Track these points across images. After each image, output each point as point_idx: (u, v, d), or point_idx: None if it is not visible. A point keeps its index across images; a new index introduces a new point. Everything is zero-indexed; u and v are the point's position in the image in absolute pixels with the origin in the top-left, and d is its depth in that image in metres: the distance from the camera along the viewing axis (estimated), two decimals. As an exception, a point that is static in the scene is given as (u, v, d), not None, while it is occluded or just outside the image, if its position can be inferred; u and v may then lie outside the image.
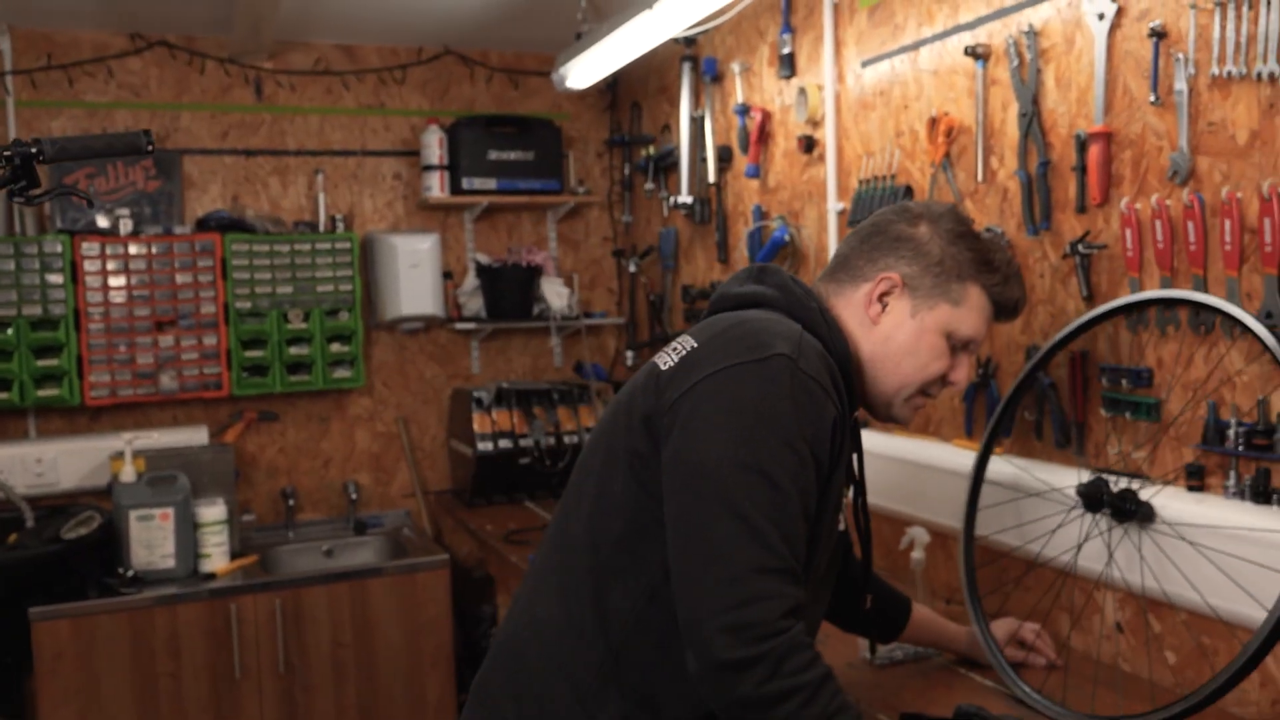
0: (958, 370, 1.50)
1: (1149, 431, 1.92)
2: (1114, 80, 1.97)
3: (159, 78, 3.78)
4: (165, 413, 3.77)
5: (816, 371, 1.30)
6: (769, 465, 1.21)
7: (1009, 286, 1.52)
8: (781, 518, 1.21)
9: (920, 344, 1.46)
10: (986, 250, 1.51)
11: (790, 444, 1.23)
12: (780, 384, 1.25)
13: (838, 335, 1.44)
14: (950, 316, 1.47)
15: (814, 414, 1.26)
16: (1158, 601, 1.87)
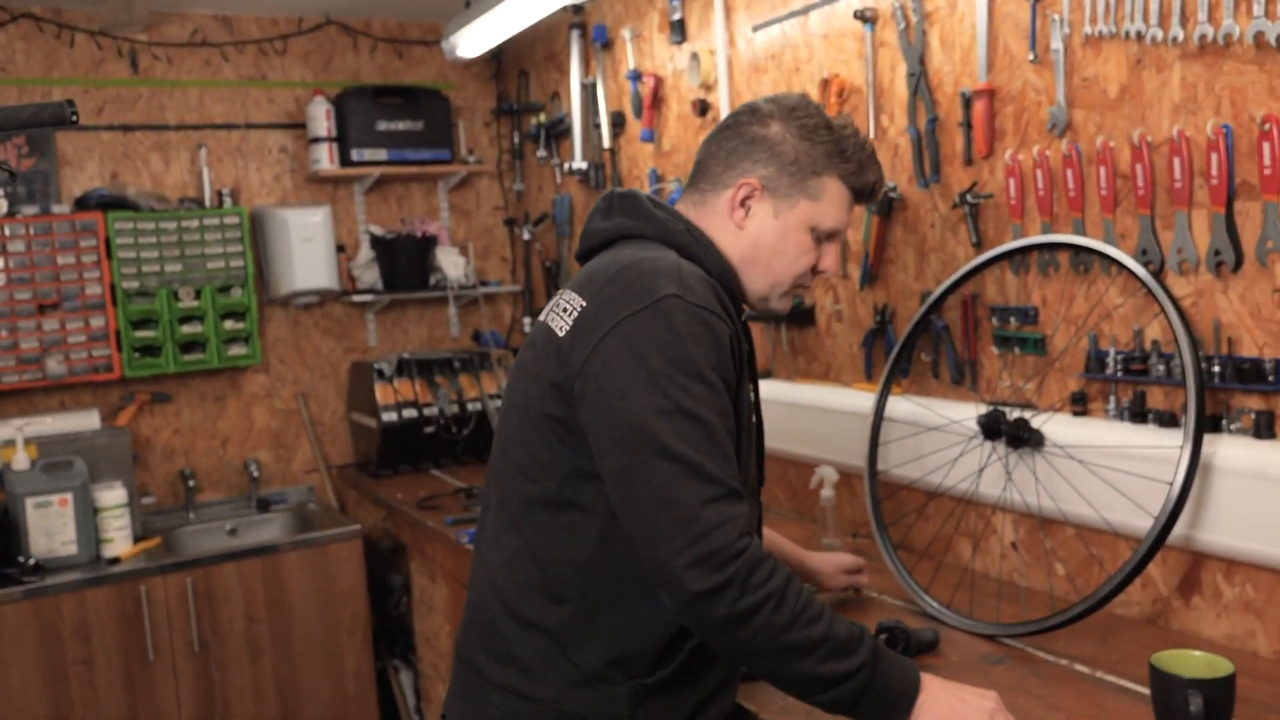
0: (825, 259, 1.53)
1: (1037, 365, 2.10)
2: (995, 40, 2.12)
3: (26, 51, 3.62)
4: (52, 398, 3.65)
5: (704, 299, 1.35)
6: (687, 403, 1.28)
7: (865, 172, 1.51)
8: (711, 447, 1.28)
9: (786, 243, 1.49)
10: (839, 141, 1.50)
11: (700, 376, 1.30)
12: (676, 324, 1.31)
13: (711, 251, 1.47)
14: (811, 212, 1.49)
15: (711, 341, 1.32)
16: (1049, 519, 2.06)
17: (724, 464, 1.29)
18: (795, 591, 1.26)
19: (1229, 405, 1.76)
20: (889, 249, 2.46)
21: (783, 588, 1.25)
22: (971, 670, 1.75)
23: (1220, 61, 1.72)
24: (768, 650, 1.25)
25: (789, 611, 1.24)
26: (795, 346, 2.82)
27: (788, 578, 1.27)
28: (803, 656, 1.25)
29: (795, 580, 1.28)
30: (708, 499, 1.25)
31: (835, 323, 2.67)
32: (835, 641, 1.26)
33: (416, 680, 3.80)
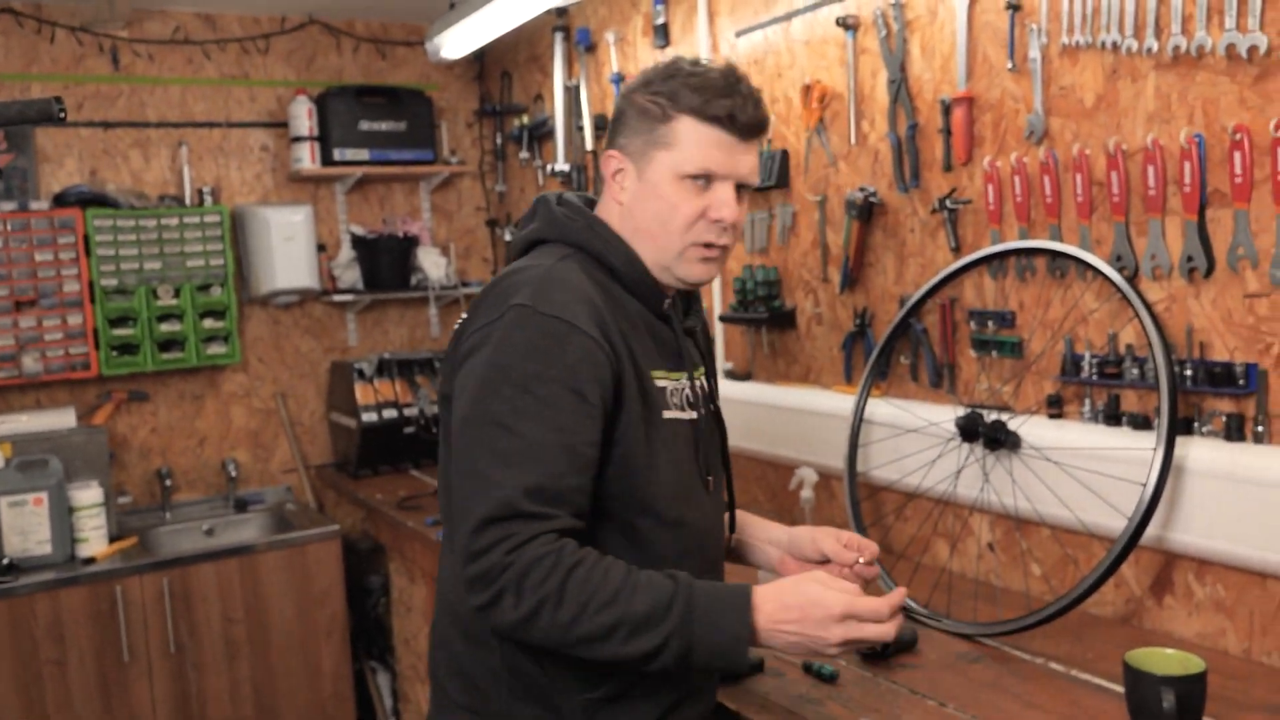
0: (715, 208, 1.39)
1: (1014, 368, 2.13)
2: (974, 49, 2.16)
3: (4, 46, 3.60)
4: (28, 396, 3.62)
5: (559, 306, 1.32)
6: (501, 415, 1.27)
7: (715, 100, 1.37)
8: (521, 459, 1.26)
9: (658, 202, 1.40)
10: (685, 79, 1.39)
11: (526, 388, 1.28)
12: (513, 335, 1.31)
13: (611, 240, 1.43)
14: (669, 160, 1.39)
15: (556, 351, 1.29)
16: (1025, 520, 2.09)
17: (525, 476, 1.25)
18: (578, 584, 1.23)
19: (1200, 408, 1.79)
20: (869, 253, 2.49)
21: (559, 586, 1.22)
22: (949, 669, 1.78)
23: (1193, 72, 1.75)
24: (567, 644, 1.25)
25: (571, 606, 1.23)
26: (775, 349, 2.85)
27: (569, 569, 1.23)
28: (602, 643, 1.23)
29: (585, 566, 1.24)
30: (488, 518, 1.25)
31: (815, 325, 2.69)
32: (633, 621, 1.22)
33: (394, 681, 3.80)
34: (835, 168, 2.56)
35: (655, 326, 1.45)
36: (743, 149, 1.41)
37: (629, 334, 1.39)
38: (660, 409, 1.40)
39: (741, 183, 1.42)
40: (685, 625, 1.22)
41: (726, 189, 1.40)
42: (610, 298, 1.40)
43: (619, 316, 1.39)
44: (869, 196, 2.44)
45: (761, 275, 2.80)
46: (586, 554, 1.26)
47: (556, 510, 1.27)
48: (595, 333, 1.33)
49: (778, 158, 2.71)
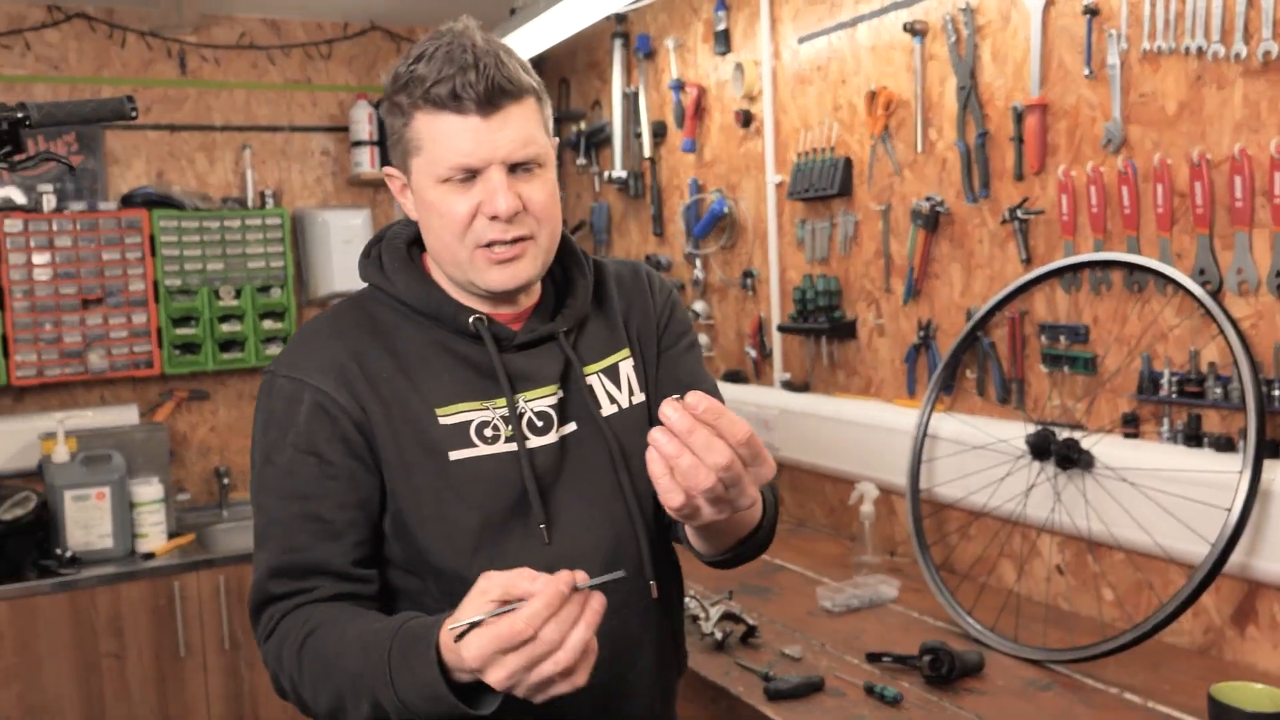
0: (485, 203, 1.20)
1: (1087, 385, 2.06)
2: (1049, 55, 2.10)
3: (78, 50, 3.67)
4: (93, 392, 3.68)
5: (294, 364, 1.25)
6: (254, 492, 1.26)
7: (438, 80, 1.17)
8: (267, 538, 1.23)
9: (429, 214, 1.23)
10: (405, 74, 1.21)
11: (269, 459, 1.23)
12: (261, 405, 1.27)
13: (395, 268, 1.30)
14: (423, 165, 1.22)
15: (290, 414, 1.23)
16: (1099, 543, 2.02)
17: (271, 556, 1.21)
18: (311, 655, 1.15)
19: (1287, 431, 1.72)
20: (934, 264, 2.43)
21: (296, 662, 1.16)
22: (1018, 695, 1.72)
23: (1286, 79, 1.68)
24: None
25: (309, 681, 1.16)
26: (835, 360, 2.80)
27: (299, 645, 1.16)
28: (346, 713, 1.13)
29: (314, 638, 1.15)
30: (250, 609, 1.25)
31: (877, 337, 2.64)
32: (350, 684, 1.10)
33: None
34: (900, 176, 2.51)
35: (464, 351, 1.27)
36: (493, 126, 1.19)
37: (413, 369, 1.25)
38: (445, 450, 1.22)
39: (513, 163, 1.21)
40: (386, 677, 1.05)
41: (493, 177, 1.20)
42: (394, 333, 1.27)
43: (399, 353, 1.25)
44: (935, 206, 2.38)
45: (822, 285, 2.76)
46: (324, 618, 1.15)
47: (309, 583, 1.19)
48: (328, 385, 1.22)
49: (840, 165, 2.66)
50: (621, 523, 1.29)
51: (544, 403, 1.28)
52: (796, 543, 2.72)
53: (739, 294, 3.19)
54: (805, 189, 2.77)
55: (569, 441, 1.28)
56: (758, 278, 3.09)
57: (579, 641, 0.97)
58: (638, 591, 1.29)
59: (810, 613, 2.18)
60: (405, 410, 1.23)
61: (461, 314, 1.26)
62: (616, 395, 1.34)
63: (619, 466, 1.29)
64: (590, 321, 1.36)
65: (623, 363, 1.36)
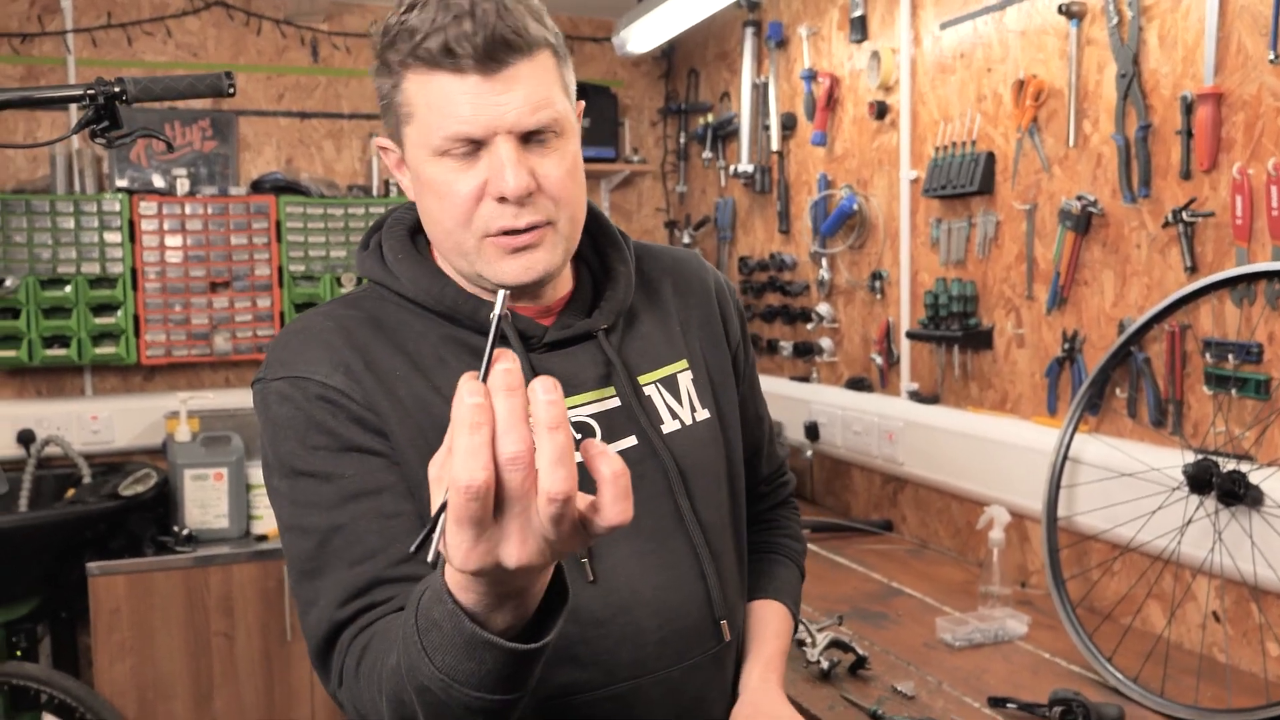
0: (491, 183, 1.02)
1: (1258, 410, 1.83)
2: (1226, 38, 1.87)
3: (216, 38, 3.74)
4: (218, 374, 3.75)
5: (290, 363, 1.06)
6: (286, 516, 1.04)
7: (430, 32, 0.99)
8: (321, 562, 1.01)
9: (429, 188, 1.05)
10: (402, 22, 1.01)
11: (294, 471, 1.03)
12: (261, 421, 1.08)
13: (396, 260, 1.13)
14: (417, 135, 1.03)
15: (298, 416, 1.03)
16: (1265, 590, 1.78)
17: (332, 582, 1.00)
18: (367, 671, 0.94)
19: None
20: (1083, 270, 2.22)
21: (354, 685, 0.96)
22: (1161, 758, 1.52)
23: None
24: None
25: (370, 700, 0.94)
26: (968, 371, 2.60)
27: (356, 664, 0.96)
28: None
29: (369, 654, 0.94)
30: (315, 653, 1.03)
31: (1016, 348, 2.43)
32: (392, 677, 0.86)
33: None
34: (1048, 173, 2.30)
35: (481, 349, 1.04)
36: (497, 88, 0.99)
37: (431, 370, 1.07)
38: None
39: (524, 132, 1.01)
40: (418, 647, 0.78)
41: (500, 150, 1.00)
42: (403, 331, 1.10)
43: (411, 353, 1.08)
44: (1088, 206, 2.17)
45: (956, 289, 2.56)
46: (377, 630, 0.95)
47: (382, 595, 0.98)
48: (338, 379, 1.04)
49: (981, 160, 2.46)
50: (683, 556, 1.11)
51: (583, 411, 1.10)
52: (918, 566, 2.54)
53: (866, 296, 3.01)
54: (942, 186, 2.58)
55: None
56: (887, 280, 2.91)
57: (556, 452, 0.64)
58: (706, 634, 1.12)
59: (928, 645, 2.00)
60: (427, 412, 1.05)
61: (482, 309, 1.08)
62: (678, 410, 1.16)
63: (678, 491, 1.11)
64: (640, 322, 1.18)
65: (681, 375, 1.19)
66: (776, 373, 3.51)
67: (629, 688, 1.06)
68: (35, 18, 3.49)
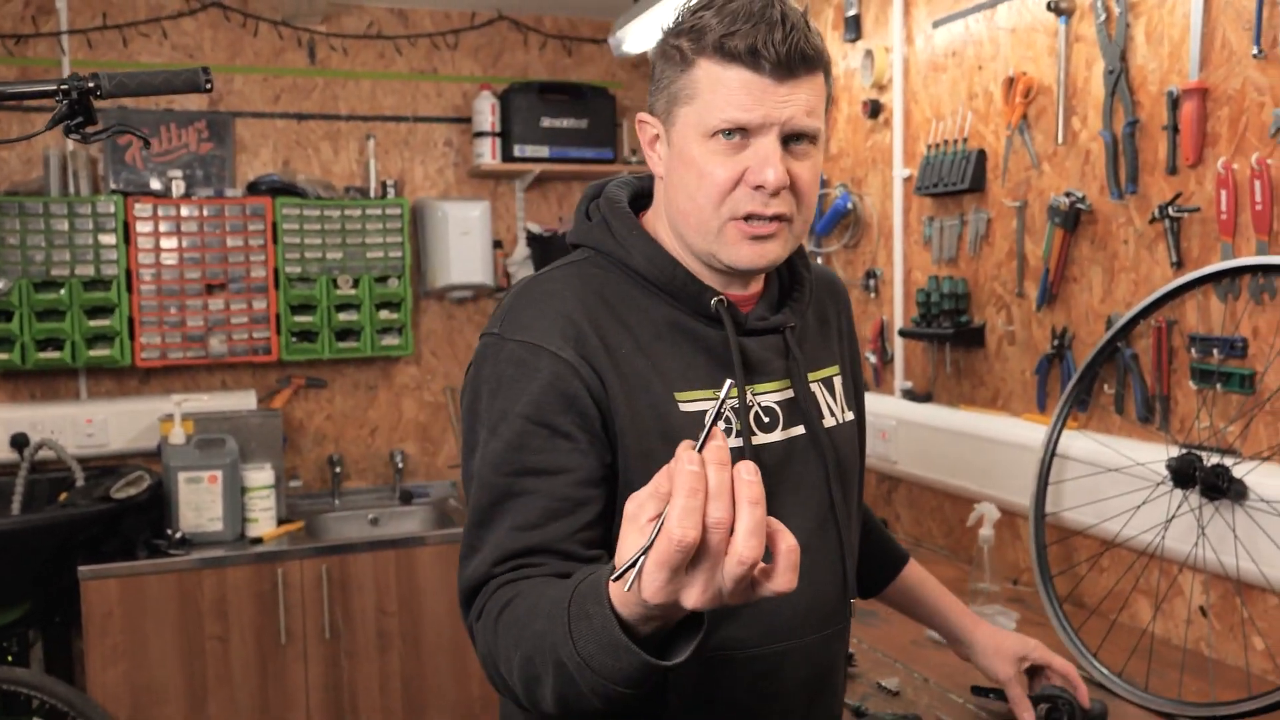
0: (754, 169, 1.11)
1: (1242, 405, 1.82)
2: (1211, 33, 1.86)
3: (213, 39, 3.75)
4: (214, 376, 3.75)
5: (526, 328, 1.14)
6: (475, 467, 1.15)
7: (739, 31, 1.09)
8: (492, 517, 1.11)
9: (687, 171, 1.14)
10: (694, 19, 1.14)
11: (494, 431, 1.12)
12: (482, 371, 1.16)
13: (627, 233, 1.21)
14: (692, 115, 1.13)
15: (522, 382, 1.12)
16: (1249, 584, 1.77)
17: (497, 537, 1.10)
18: (505, 627, 1.03)
19: None
20: (1072, 266, 2.21)
21: (493, 640, 1.04)
22: (1144, 754, 1.51)
23: None
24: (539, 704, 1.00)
25: (505, 657, 1.02)
26: (960, 369, 2.59)
27: (495, 620, 1.03)
28: (538, 687, 0.97)
29: (509, 611, 1.02)
30: (462, 594, 1.13)
31: (1006, 345, 2.43)
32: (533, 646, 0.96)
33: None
34: (1038, 170, 2.30)
35: (701, 334, 1.18)
36: (782, 91, 1.10)
37: (649, 348, 1.16)
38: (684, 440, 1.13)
39: (792, 133, 1.12)
40: (565, 629, 0.89)
41: (766, 144, 1.11)
42: (627, 305, 1.18)
43: (633, 328, 1.17)
44: (1076, 202, 2.16)
45: (948, 287, 2.55)
46: (526, 587, 1.04)
47: (536, 562, 1.08)
48: (569, 353, 1.12)
49: (972, 158, 2.45)
50: (831, 540, 1.24)
51: (771, 398, 1.21)
52: (909, 564, 2.53)
53: (861, 295, 3.01)
54: (934, 184, 2.57)
55: (793, 446, 1.21)
56: (881, 278, 2.90)
57: (752, 523, 0.77)
58: (840, 610, 1.27)
59: (915, 642, 1.99)
60: (647, 391, 1.14)
61: (706, 294, 1.18)
62: (834, 408, 1.29)
63: (833, 481, 1.24)
64: (809, 325, 1.30)
65: (835, 378, 1.31)
66: (771, 373, 3.50)
67: (779, 650, 1.19)
68: (29, 18, 3.51)
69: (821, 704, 1.27)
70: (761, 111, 1.10)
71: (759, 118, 1.10)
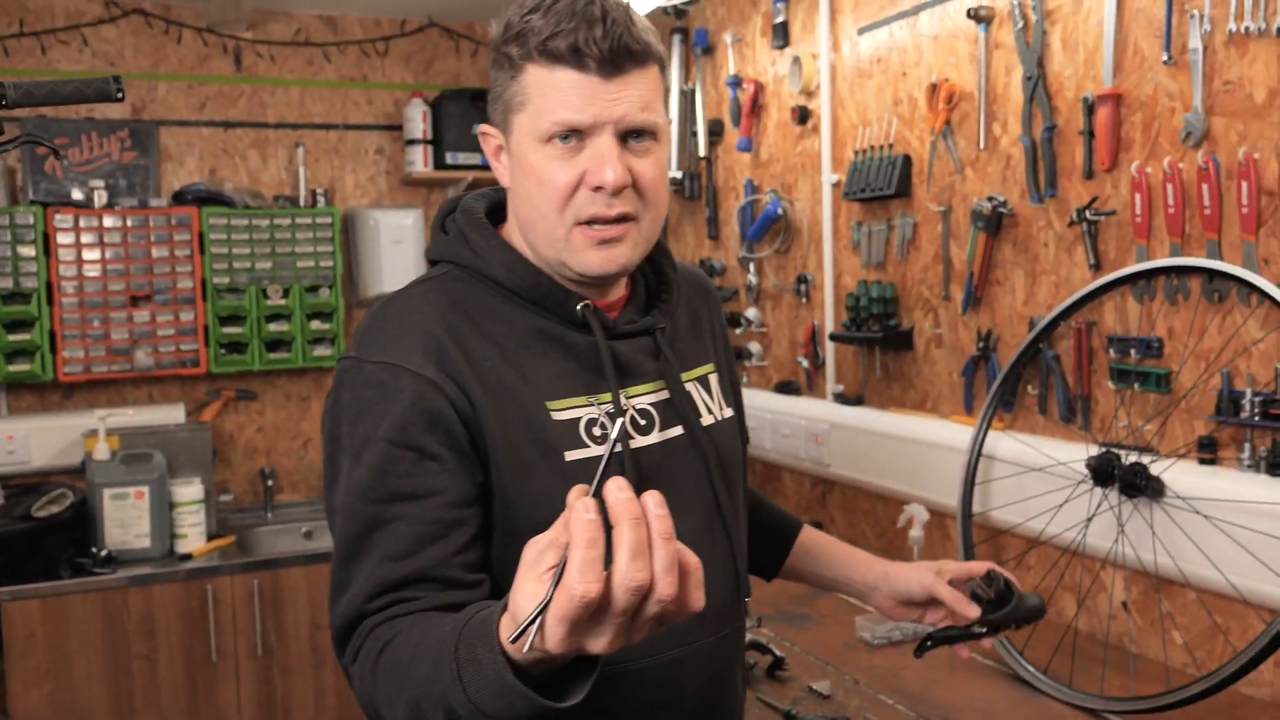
0: (592, 170, 1.09)
1: (1159, 404, 1.86)
2: (1124, 40, 1.91)
3: (135, 46, 3.67)
4: (140, 390, 3.67)
5: (384, 348, 1.11)
6: (339, 496, 1.10)
7: (561, 31, 1.07)
8: (361, 549, 1.06)
9: (529, 174, 1.12)
10: (518, 22, 1.11)
11: (358, 458, 1.08)
12: (341, 397, 1.12)
13: (486, 244, 1.18)
14: (526, 122, 1.11)
15: (382, 404, 1.08)
16: (1167, 580, 1.82)
17: (369, 569, 1.05)
18: (385, 671, 1.00)
19: (1390, 461, 1.51)
20: (995, 269, 2.25)
21: (372, 682, 1.01)
22: (1067, 749, 1.54)
23: (1394, 61, 1.48)
24: None
25: (386, 701, 0.99)
26: (890, 372, 2.62)
27: (375, 662, 1.00)
28: None
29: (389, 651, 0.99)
30: (336, 634, 1.08)
31: (934, 348, 2.46)
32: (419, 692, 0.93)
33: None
34: (961, 175, 2.33)
35: (570, 340, 1.16)
36: (611, 89, 1.08)
37: (517, 358, 1.13)
38: (561, 451, 1.11)
39: (628, 130, 1.10)
40: (454, 673, 0.87)
41: (602, 143, 1.09)
42: (491, 317, 1.15)
43: (498, 340, 1.13)
44: (998, 206, 2.20)
45: (877, 291, 2.58)
46: (405, 626, 1.00)
47: (409, 594, 1.04)
48: (431, 370, 1.08)
49: (898, 163, 2.49)
50: (719, 538, 1.22)
51: (644, 400, 1.19)
52: (843, 566, 2.55)
53: (793, 300, 3.03)
54: (861, 189, 2.60)
55: (672, 447, 1.19)
56: (812, 283, 2.93)
57: (668, 559, 0.76)
58: (734, 609, 1.24)
59: (847, 645, 2.01)
60: (516, 402, 1.11)
61: (571, 299, 1.16)
62: (711, 406, 1.28)
63: (716, 478, 1.22)
64: (679, 325, 1.29)
65: (710, 376, 1.30)
66: (707, 378, 3.51)
67: (673, 656, 1.16)
68: (-57, 27, 3.41)
69: (723, 708, 1.24)
70: (592, 111, 1.08)
71: (590, 118, 1.08)
